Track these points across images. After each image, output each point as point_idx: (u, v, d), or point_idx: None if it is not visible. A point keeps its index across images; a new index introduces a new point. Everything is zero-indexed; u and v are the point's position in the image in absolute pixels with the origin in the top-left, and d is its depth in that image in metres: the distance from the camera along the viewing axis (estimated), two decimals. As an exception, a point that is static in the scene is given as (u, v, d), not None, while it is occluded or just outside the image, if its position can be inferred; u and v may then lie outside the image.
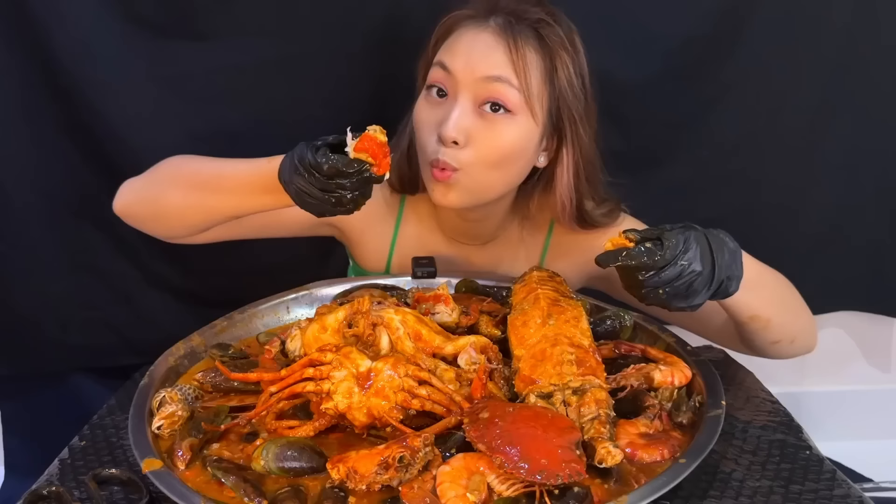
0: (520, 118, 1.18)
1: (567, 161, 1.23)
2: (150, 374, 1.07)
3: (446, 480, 0.85)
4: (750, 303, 1.11)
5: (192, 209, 1.22)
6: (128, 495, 0.94)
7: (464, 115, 1.17)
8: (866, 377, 1.98)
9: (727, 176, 1.69)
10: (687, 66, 1.59)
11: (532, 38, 1.18)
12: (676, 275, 0.93)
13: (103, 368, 1.70)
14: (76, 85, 1.50)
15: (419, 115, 1.23)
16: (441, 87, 1.20)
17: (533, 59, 1.18)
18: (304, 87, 1.56)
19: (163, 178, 1.27)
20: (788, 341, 1.20)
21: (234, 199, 1.18)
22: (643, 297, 0.96)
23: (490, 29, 1.18)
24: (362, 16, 1.52)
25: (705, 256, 0.95)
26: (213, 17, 1.49)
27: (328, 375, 0.96)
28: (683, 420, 0.99)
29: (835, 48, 1.60)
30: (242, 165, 1.18)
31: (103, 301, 1.64)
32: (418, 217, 1.38)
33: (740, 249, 1.00)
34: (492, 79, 1.16)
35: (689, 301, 0.96)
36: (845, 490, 0.94)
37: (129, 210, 1.29)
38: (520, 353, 1.03)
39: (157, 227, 1.29)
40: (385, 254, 1.39)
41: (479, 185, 1.21)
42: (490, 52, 1.17)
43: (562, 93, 1.19)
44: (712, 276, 0.96)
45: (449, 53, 1.20)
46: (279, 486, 0.89)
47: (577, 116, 1.21)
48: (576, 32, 1.23)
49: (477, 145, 1.17)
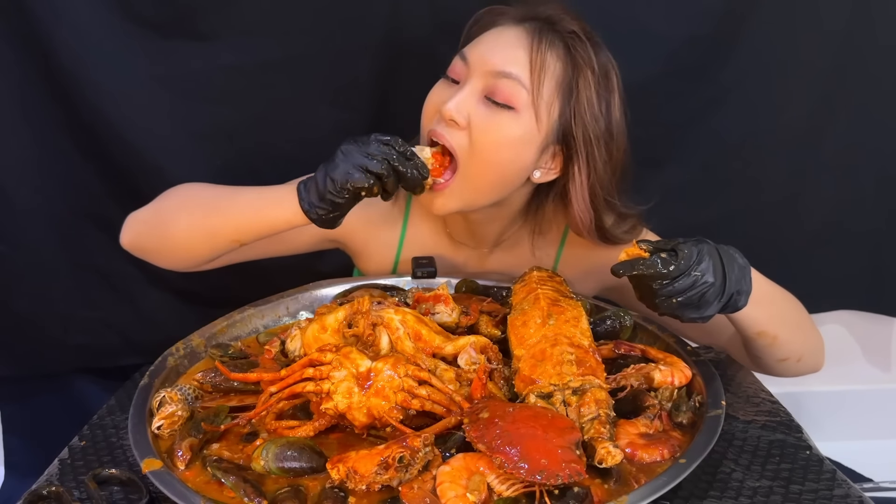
0: (523, 117, 1.16)
1: (581, 179, 1.20)
2: (150, 374, 1.07)
3: (446, 480, 0.85)
4: (758, 318, 1.11)
5: (200, 235, 1.21)
6: (128, 495, 0.94)
7: (468, 98, 1.16)
8: (866, 377, 1.98)
9: (727, 176, 1.69)
10: (687, 66, 1.59)
11: (559, 46, 1.17)
12: (690, 285, 0.97)
13: (103, 368, 1.70)
14: (76, 85, 1.50)
15: (429, 96, 1.22)
16: (456, 76, 1.19)
17: (553, 65, 1.16)
18: (305, 87, 1.56)
19: (169, 206, 1.26)
20: (795, 359, 1.20)
21: (240, 221, 1.18)
22: (656, 307, 0.99)
23: (520, 28, 1.18)
24: (362, 15, 1.52)
25: (717, 269, 0.99)
26: (213, 17, 1.49)
27: (328, 375, 0.96)
28: (683, 420, 0.99)
29: (834, 48, 1.60)
30: (253, 189, 1.20)
31: (103, 301, 1.64)
32: (425, 221, 1.37)
33: (749, 266, 1.03)
34: (503, 74, 1.15)
35: (701, 312, 0.99)
36: (845, 490, 0.94)
37: (136, 242, 1.28)
38: (520, 353, 1.03)
39: (165, 257, 1.28)
40: (391, 260, 1.39)
41: (468, 188, 1.18)
42: (510, 49, 1.16)
43: (579, 110, 1.17)
44: (723, 289, 0.99)
45: (472, 46, 1.20)
46: (279, 486, 0.89)
47: (594, 137, 1.18)
48: (615, 67, 1.21)
49: (474, 132, 1.16)
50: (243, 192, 1.21)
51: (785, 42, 1.58)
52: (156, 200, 1.27)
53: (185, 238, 1.22)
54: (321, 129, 1.57)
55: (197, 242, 1.22)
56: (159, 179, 1.56)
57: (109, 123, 1.53)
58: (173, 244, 1.24)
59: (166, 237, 1.24)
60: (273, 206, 1.14)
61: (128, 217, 1.29)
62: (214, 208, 1.21)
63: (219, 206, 1.21)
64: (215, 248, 1.22)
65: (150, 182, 1.56)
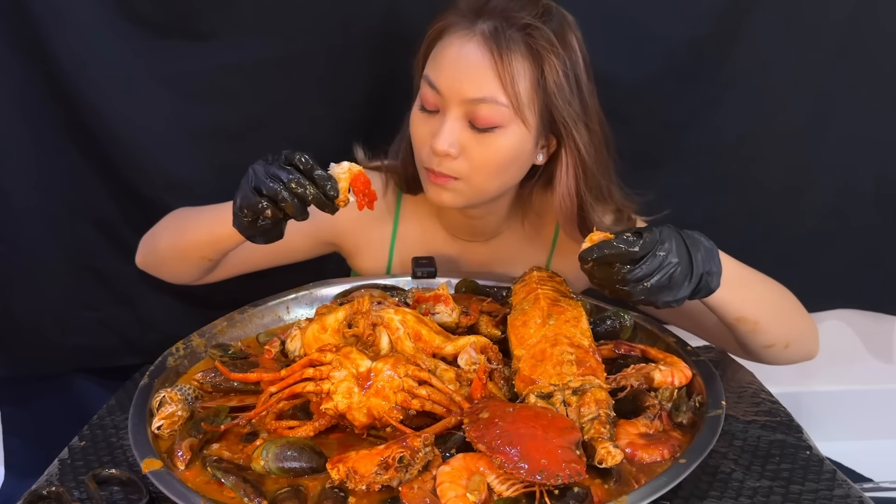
0: (511, 129, 1.17)
1: (566, 162, 1.22)
2: (150, 374, 1.07)
3: (446, 480, 0.85)
4: (734, 302, 1.12)
5: (175, 253, 1.34)
6: (128, 495, 0.94)
7: (453, 130, 1.16)
8: (866, 377, 1.98)
9: (727, 175, 1.69)
10: (687, 65, 1.59)
11: (521, 43, 1.15)
12: (657, 266, 0.98)
13: (103, 369, 1.70)
14: (76, 85, 1.49)
15: (414, 129, 1.23)
16: (431, 107, 1.19)
17: (521, 67, 1.15)
18: (304, 87, 1.56)
19: (159, 228, 1.39)
20: (782, 346, 1.21)
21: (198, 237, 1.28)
22: (629, 295, 1.00)
23: (476, 40, 1.15)
24: (361, 15, 1.52)
25: (681, 249, 1.00)
26: (213, 17, 1.49)
27: (328, 375, 0.96)
28: (683, 420, 0.99)
29: (834, 47, 1.60)
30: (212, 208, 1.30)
31: (103, 301, 1.64)
32: (418, 217, 1.38)
33: (717, 248, 1.05)
34: (477, 100, 1.15)
35: (674, 294, 1.00)
36: (845, 490, 0.94)
37: (142, 261, 1.43)
38: (520, 353, 1.03)
39: (163, 273, 1.42)
40: (385, 258, 1.39)
41: (476, 190, 1.21)
42: (475, 71, 1.15)
43: (551, 97, 1.17)
44: (691, 268, 1.01)
45: (436, 69, 1.18)
46: (279, 486, 0.89)
47: (571, 119, 1.19)
48: (570, 25, 1.21)
49: (470, 156, 1.17)
50: (205, 212, 1.31)
51: (783, 41, 1.58)
52: (157, 223, 1.40)
53: (169, 257, 1.37)
54: (320, 129, 1.57)
55: (177, 261, 1.35)
56: (159, 179, 1.56)
57: (108, 123, 1.53)
58: (163, 263, 1.39)
59: (157, 257, 1.39)
60: (220, 225, 1.20)
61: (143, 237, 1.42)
62: (182, 228, 1.34)
63: (186, 226, 1.33)
64: (191, 265, 1.33)
65: (150, 182, 1.56)
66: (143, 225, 1.51)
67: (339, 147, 1.32)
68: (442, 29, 1.21)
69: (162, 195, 1.55)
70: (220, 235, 1.22)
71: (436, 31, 1.22)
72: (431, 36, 1.23)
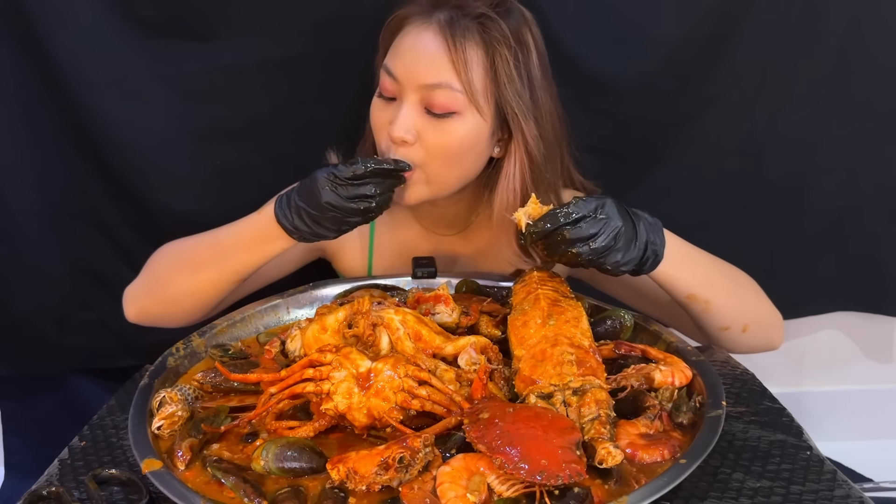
0: (466, 116, 1.19)
1: (514, 155, 1.23)
2: (151, 374, 1.07)
3: (446, 481, 0.85)
4: (682, 279, 1.14)
5: (201, 286, 1.24)
6: (128, 496, 0.94)
7: (409, 116, 1.19)
8: (866, 377, 1.98)
9: (726, 175, 1.69)
10: (686, 65, 1.59)
11: (476, 32, 1.18)
12: (600, 227, 1.04)
13: (103, 369, 1.70)
14: (75, 85, 1.49)
15: (373, 117, 1.26)
16: (389, 94, 1.22)
17: (474, 55, 1.18)
18: (304, 87, 1.56)
19: (161, 271, 1.29)
20: (739, 329, 1.22)
21: (236, 261, 1.21)
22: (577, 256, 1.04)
23: (432, 28, 1.19)
24: (361, 16, 1.52)
25: (623, 214, 1.06)
26: (213, 17, 1.49)
27: (328, 376, 0.96)
28: (684, 420, 0.99)
29: (833, 47, 1.60)
30: (234, 227, 1.22)
31: (102, 302, 1.64)
32: (391, 214, 1.37)
33: (661, 224, 1.10)
34: (433, 86, 1.17)
35: (623, 255, 1.05)
36: (846, 490, 0.93)
37: (142, 314, 1.31)
38: (520, 353, 1.03)
39: (174, 319, 1.29)
40: (365, 259, 1.41)
41: (435, 180, 1.22)
42: (430, 57, 1.18)
43: (501, 88, 1.19)
44: (635, 233, 1.06)
45: (394, 58, 1.21)
46: (279, 486, 0.89)
47: (521, 111, 1.20)
48: (528, 21, 1.23)
49: (427, 143, 1.19)
50: (224, 234, 1.23)
51: (782, 41, 1.58)
52: (145, 269, 1.30)
53: (189, 294, 1.25)
54: (320, 129, 1.57)
55: (202, 295, 1.25)
56: (158, 180, 1.56)
57: (108, 124, 1.53)
58: (180, 305, 1.27)
59: (170, 301, 1.27)
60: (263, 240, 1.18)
61: (125, 292, 1.32)
62: (204, 259, 1.24)
63: (207, 256, 1.24)
64: (218, 291, 1.25)
65: (149, 183, 1.56)
66: (142, 226, 1.51)
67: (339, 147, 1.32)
68: (401, 19, 1.23)
69: (161, 196, 1.56)
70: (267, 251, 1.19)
71: (395, 22, 1.24)
72: (391, 27, 1.25)
